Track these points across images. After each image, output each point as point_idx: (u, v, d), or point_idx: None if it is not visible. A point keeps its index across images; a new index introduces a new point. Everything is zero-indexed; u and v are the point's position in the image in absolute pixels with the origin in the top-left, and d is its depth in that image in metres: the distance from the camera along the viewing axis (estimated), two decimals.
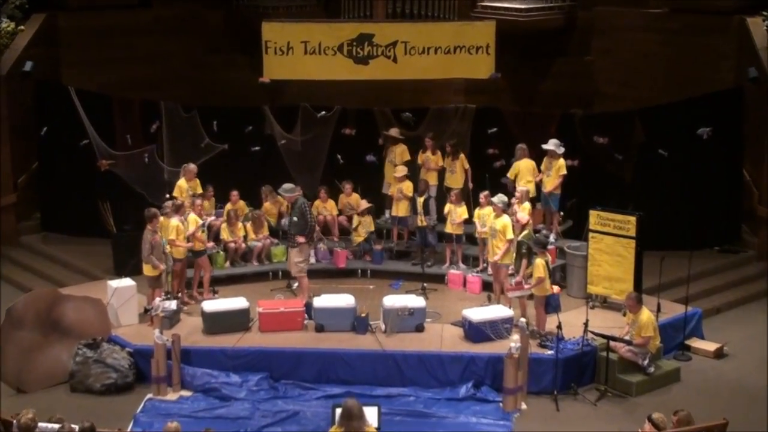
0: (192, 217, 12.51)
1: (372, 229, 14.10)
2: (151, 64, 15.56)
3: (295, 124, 14.23)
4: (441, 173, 14.24)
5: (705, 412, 9.24)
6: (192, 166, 13.27)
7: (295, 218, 12.28)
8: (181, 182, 13.24)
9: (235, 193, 13.86)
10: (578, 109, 14.54)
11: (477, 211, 13.09)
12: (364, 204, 13.99)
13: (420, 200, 13.54)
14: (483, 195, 12.94)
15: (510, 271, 11.87)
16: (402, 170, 13.82)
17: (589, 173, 14.00)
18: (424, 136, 14.30)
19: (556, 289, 11.44)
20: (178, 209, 12.32)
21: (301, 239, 12.21)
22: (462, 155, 14.07)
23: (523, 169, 13.46)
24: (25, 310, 11.16)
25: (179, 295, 12.36)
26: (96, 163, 13.49)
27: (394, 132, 14.36)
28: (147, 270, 11.89)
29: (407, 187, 13.79)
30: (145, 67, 15.52)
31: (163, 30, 15.77)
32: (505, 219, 12.03)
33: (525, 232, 11.61)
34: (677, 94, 14.48)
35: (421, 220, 13.48)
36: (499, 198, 12.21)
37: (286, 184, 12.58)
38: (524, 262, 11.47)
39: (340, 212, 14.41)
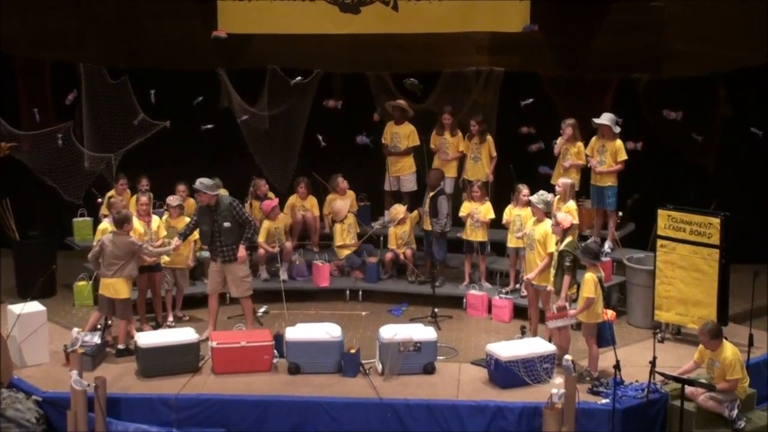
0: (156, 219, 12.61)
1: (356, 230, 14.17)
2: (68, 12, 15.55)
3: (260, 93, 14.27)
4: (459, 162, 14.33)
5: None
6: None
7: (226, 224, 12.11)
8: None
9: (182, 188, 13.81)
10: (642, 73, 14.57)
11: (509, 209, 13.12)
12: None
13: (429, 195, 13.58)
14: (524, 190, 12.92)
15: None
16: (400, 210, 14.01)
17: (658, 159, 14.00)
18: (435, 110, 14.35)
19: (609, 313, 11.44)
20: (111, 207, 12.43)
21: (242, 252, 12.12)
22: (490, 138, 14.10)
23: (574, 154, 13.49)
24: None
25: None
26: None
27: (402, 103, 14.35)
28: (121, 288, 11.71)
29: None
30: (59, 17, 15.49)
31: None
32: (547, 226, 11.98)
33: (568, 240, 11.59)
34: None
35: (428, 223, 13.51)
36: (540, 197, 12.13)
37: (205, 179, 12.15)
38: (566, 279, 11.43)
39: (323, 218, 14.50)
